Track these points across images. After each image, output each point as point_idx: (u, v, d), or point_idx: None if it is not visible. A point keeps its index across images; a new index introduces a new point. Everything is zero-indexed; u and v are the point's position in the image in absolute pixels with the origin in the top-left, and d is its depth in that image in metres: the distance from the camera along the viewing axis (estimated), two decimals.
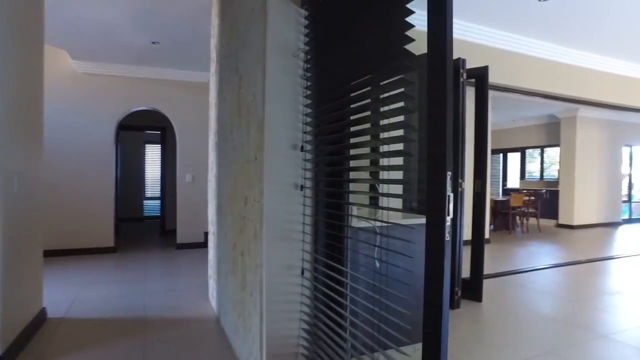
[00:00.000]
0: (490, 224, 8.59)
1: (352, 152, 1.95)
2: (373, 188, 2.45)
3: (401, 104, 1.47)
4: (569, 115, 9.59)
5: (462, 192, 3.57)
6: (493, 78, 4.51)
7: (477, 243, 3.89)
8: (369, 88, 1.67)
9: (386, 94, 1.52)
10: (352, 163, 2.06)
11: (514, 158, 12.18)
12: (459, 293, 3.67)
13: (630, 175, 11.30)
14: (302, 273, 2.11)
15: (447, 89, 1.32)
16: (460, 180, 3.54)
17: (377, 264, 2.14)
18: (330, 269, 1.97)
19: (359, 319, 1.71)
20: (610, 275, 5.29)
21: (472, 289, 3.89)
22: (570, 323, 3.44)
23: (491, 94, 7.09)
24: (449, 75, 1.30)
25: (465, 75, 3.63)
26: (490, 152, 7.84)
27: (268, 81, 2.06)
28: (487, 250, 6.78)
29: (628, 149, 11.02)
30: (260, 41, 2.16)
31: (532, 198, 9.00)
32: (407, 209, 3.46)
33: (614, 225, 10.21)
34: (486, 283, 4.37)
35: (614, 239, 8.39)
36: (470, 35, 4.47)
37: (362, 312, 1.68)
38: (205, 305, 3.77)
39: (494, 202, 8.76)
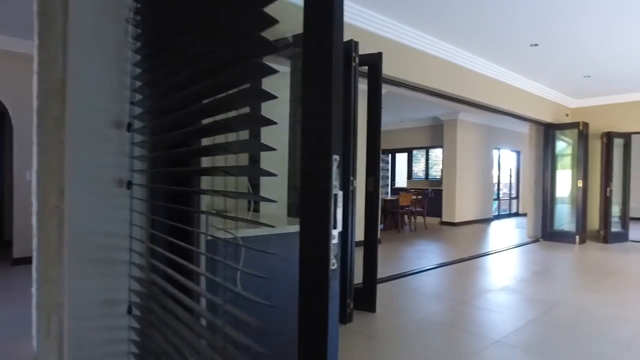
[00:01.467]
0: (381, 223, 8.60)
1: (206, 122, 1.33)
2: (253, 186, 1.87)
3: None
4: (450, 118, 10.11)
5: (353, 191, 3.17)
6: (384, 69, 4.25)
7: (370, 248, 3.54)
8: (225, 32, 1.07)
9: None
10: (206, 142, 1.43)
11: (401, 158, 12.61)
12: (352, 305, 3.27)
13: (498, 175, 12.42)
14: (130, 311, 1.43)
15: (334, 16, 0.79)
16: (351, 178, 3.13)
17: (239, 287, 1.55)
18: (175, 301, 1.32)
19: None
20: (491, 271, 5.44)
21: (365, 299, 3.52)
22: (465, 329, 3.25)
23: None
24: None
25: (357, 60, 3.24)
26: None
27: (72, 24, 1.34)
28: (378, 250, 6.65)
29: (497, 151, 12.09)
30: None
31: (419, 197, 9.26)
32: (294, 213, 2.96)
33: (487, 221, 11.07)
34: (378, 288, 4.07)
35: (489, 235, 9.00)
36: (361, 20, 4.13)
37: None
38: (27, 347, 2.80)
39: (384, 202, 8.81)
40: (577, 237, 7.61)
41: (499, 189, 12.49)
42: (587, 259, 6.39)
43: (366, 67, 3.62)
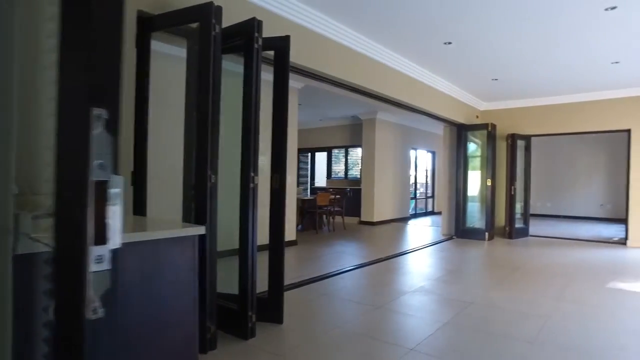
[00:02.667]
0: (299, 224, 8.31)
1: None
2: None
3: None
4: (369, 117, 10.13)
5: (255, 189, 2.79)
6: (299, 59, 3.93)
7: (276, 252, 3.17)
8: None
9: None
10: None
11: (321, 157, 12.47)
12: (254, 318, 2.88)
13: (415, 175, 12.79)
14: None
15: None
16: (252, 174, 2.75)
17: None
18: None
19: None
20: (408, 272, 5.37)
21: (270, 309, 3.15)
22: (379, 338, 3.02)
23: (298, 86, 6.71)
24: None
25: (260, 41, 2.86)
26: (297, 150, 7.52)
27: None
28: (294, 252, 6.33)
29: (414, 151, 12.43)
30: None
31: (338, 197, 9.12)
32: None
33: (405, 220, 11.30)
34: (289, 295, 3.74)
35: (406, 233, 9.12)
36: (271, 3, 3.75)
37: None
38: None
39: (302, 202, 8.53)
40: (487, 234, 7.94)
41: (415, 189, 12.86)
42: (495, 255, 6.64)
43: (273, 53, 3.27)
